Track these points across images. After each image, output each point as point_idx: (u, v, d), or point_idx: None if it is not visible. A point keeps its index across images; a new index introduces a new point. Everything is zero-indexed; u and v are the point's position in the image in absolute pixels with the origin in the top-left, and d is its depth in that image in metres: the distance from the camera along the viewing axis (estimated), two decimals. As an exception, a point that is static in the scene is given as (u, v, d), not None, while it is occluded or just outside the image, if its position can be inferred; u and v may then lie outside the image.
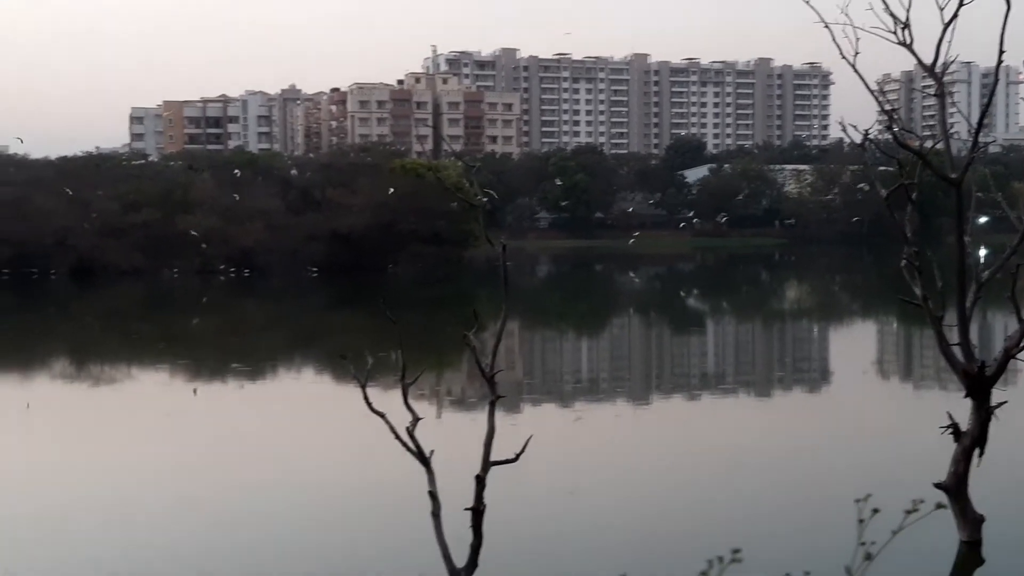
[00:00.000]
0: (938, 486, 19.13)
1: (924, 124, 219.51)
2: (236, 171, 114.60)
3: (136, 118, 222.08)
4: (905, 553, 17.56)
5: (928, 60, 19.40)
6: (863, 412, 35.57)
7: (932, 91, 20.15)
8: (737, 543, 3.25)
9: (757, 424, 34.17)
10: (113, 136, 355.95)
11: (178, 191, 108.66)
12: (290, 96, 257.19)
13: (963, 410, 19.91)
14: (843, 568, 3.27)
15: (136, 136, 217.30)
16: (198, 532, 22.14)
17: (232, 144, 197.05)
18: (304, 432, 33.00)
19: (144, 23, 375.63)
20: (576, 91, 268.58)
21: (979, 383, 19.45)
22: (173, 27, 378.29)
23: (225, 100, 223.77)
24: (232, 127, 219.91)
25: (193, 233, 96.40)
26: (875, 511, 3.22)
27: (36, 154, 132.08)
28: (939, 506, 3.50)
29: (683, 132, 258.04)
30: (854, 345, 58.24)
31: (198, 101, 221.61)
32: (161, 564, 20.08)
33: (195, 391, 38.55)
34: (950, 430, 19.86)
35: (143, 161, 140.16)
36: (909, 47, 19.34)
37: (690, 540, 19.93)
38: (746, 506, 23.10)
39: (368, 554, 20.53)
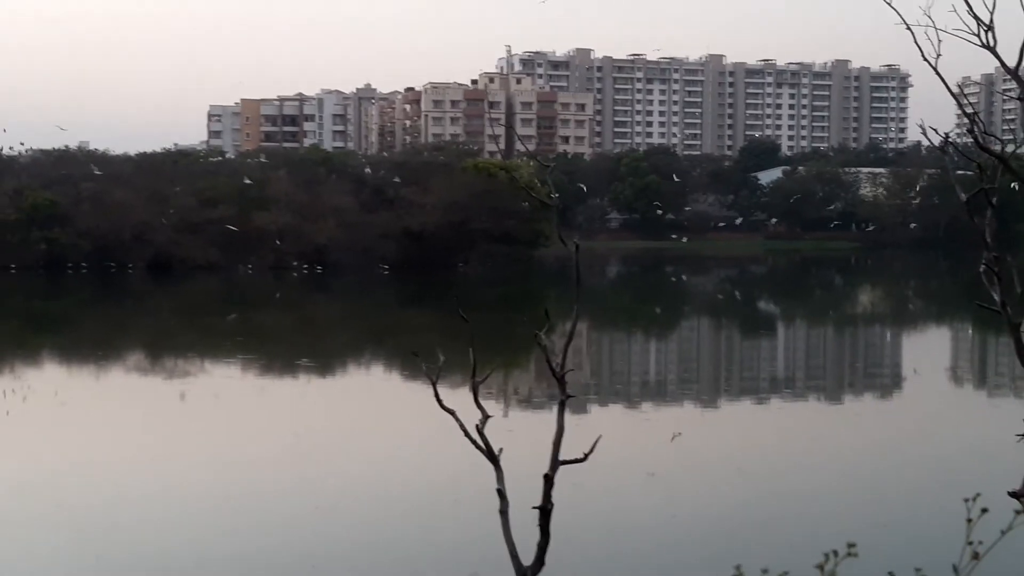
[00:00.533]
0: (1013, 495, 18.82)
1: (1005, 127, 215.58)
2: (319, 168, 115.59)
3: (214, 116, 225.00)
4: (987, 563, 17.31)
5: (1011, 63, 19.10)
6: (938, 419, 35.06)
7: (1014, 94, 19.80)
8: (829, 540, 3.24)
9: (826, 428, 33.82)
10: (191, 133, 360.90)
11: (254, 188, 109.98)
12: (365, 95, 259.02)
13: (1041, 419, 19.55)
14: (950, 567, 3.25)
15: (214, 133, 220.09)
16: (264, 525, 22.41)
17: (307, 142, 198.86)
18: (373, 428, 33.26)
19: (223, 22, 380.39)
20: (650, 92, 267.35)
21: (1058, 392, 19.11)
22: (251, 26, 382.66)
23: (301, 99, 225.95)
24: (308, 125, 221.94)
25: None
26: (984, 511, 3.19)
27: (116, 150, 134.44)
28: (1011, 494, 3.46)
29: (757, 134, 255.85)
30: (930, 351, 57.39)
31: (275, 99, 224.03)
32: (224, 554, 20.36)
33: (275, 394, 38.99)
34: (1027, 438, 19.51)
35: (220, 158, 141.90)
36: (992, 49, 19.01)
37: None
38: (818, 505, 22.89)
39: (436, 550, 20.65)
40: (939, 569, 3.46)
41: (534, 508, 11.20)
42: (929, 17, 19.88)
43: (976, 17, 20.46)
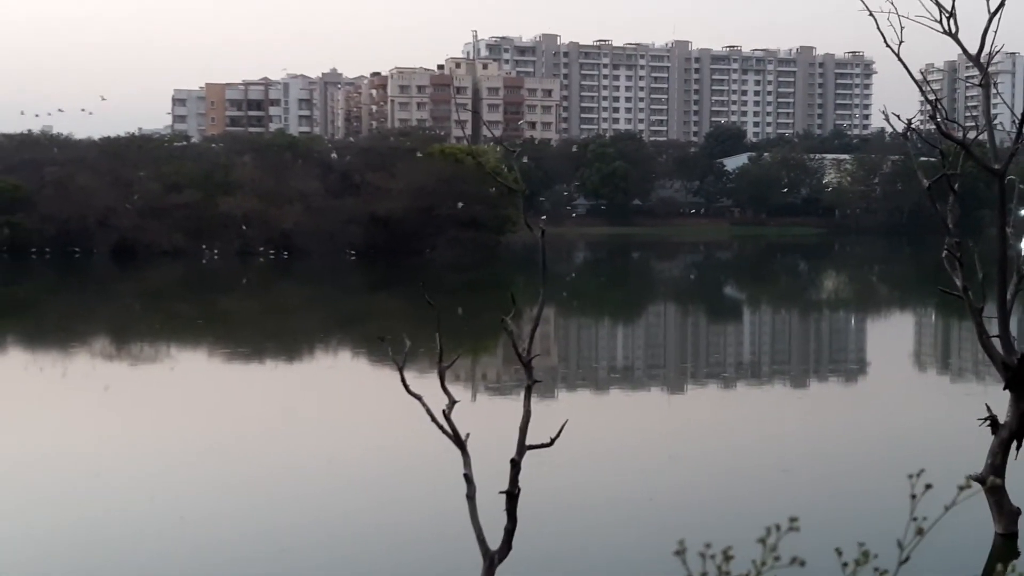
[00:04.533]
0: (974, 478, 19.04)
1: (967, 114, 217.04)
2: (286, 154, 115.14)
3: (178, 100, 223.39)
4: (941, 545, 17.53)
5: (973, 50, 19.26)
6: (900, 403, 35.41)
7: (976, 81, 20.00)
8: (769, 520, 3.29)
9: (790, 412, 34.09)
10: (156, 118, 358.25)
11: (219, 173, 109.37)
12: (331, 80, 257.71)
13: (1002, 402, 19.80)
14: (894, 542, 3.31)
15: (178, 118, 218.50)
16: (228, 511, 22.37)
17: (273, 127, 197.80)
18: (340, 413, 33.24)
19: (188, 5, 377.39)
20: (616, 78, 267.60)
21: (1018, 375, 19.34)
22: (216, 10, 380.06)
23: (267, 83, 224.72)
24: (273, 110, 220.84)
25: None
26: (928, 487, 3.26)
27: (80, 134, 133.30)
28: (992, 484, 3.52)
29: (723, 120, 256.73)
30: (893, 336, 57.90)
31: (240, 84, 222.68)
32: (188, 540, 20.33)
33: (242, 380, 38.85)
34: (988, 422, 19.76)
35: (185, 143, 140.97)
36: (954, 36, 19.19)
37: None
38: (778, 486, 23.10)
39: (403, 535, 20.69)
40: (885, 544, 3.53)
41: (501, 493, 11.27)
42: (892, 4, 19.91)
43: (938, 4, 20.54)
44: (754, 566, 3.10)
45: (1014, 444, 19.53)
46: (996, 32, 18.84)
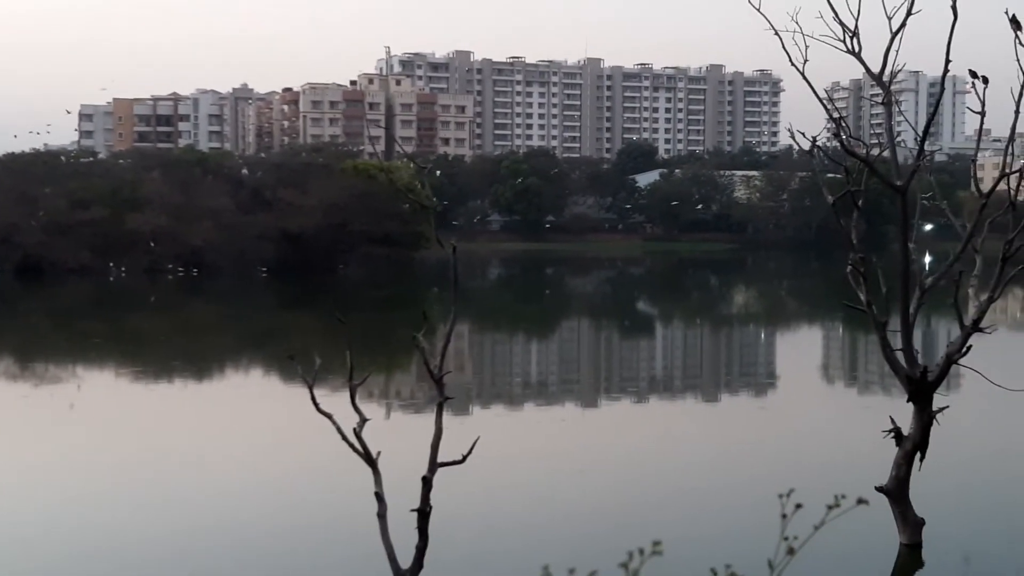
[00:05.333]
0: (880, 489, 19.37)
1: (872, 132, 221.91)
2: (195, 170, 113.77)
3: (85, 115, 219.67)
4: (845, 556, 17.78)
5: (876, 68, 19.66)
6: (806, 416, 35.92)
7: (880, 99, 20.41)
8: (663, 538, 3.30)
9: (698, 427, 34.41)
10: (61, 134, 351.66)
11: (127, 189, 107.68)
12: (242, 95, 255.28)
13: (906, 415, 20.17)
14: (766, 562, 3.34)
15: (85, 133, 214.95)
16: (130, 533, 21.96)
17: (182, 142, 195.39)
18: (250, 433, 32.81)
19: (93, 19, 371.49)
20: (529, 94, 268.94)
21: (921, 388, 19.72)
22: (124, 24, 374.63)
23: (176, 98, 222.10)
24: (183, 125, 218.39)
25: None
26: (798, 506, 3.29)
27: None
28: (860, 501, 3.57)
29: (635, 137, 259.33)
30: (800, 350, 58.79)
31: (148, 99, 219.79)
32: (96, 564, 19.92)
33: (149, 400, 38.14)
34: (892, 434, 20.11)
35: (92, 159, 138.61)
36: (857, 55, 19.57)
37: (616, 536, 20.00)
38: (678, 503, 23.28)
39: (313, 554, 20.45)
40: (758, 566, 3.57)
41: (412, 511, 11.21)
42: (798, 23, 20.20)
43: (841, 23, 20.90)
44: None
45: (918, 456, 19.91)
46: (898, 51, 19.25)
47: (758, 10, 19.67)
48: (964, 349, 19.71)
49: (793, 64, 19.51)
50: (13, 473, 27.18)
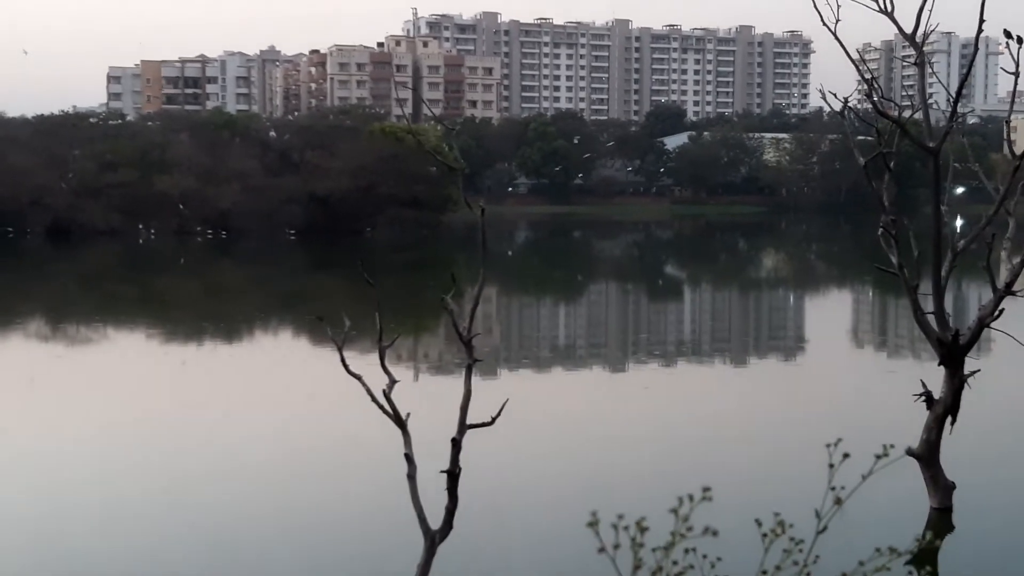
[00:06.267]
0: (910, 453, 19.31)
1: (904, 93, 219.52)
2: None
3: (114, 77, 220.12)
4: (876, 519, 17.74)
5: (909, 29, 19.42)
6: (836, 379, 35.82)
7: (912, 60, 20.17)
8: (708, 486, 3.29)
9: (727, 389, 34.37)
10: (91, 96, 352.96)
11: (156, 151, 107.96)
12: (269, 57, 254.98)
13: (936, 378, 20.07)
14: (812, 511, 3.33)
15: (114, 96, 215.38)
16: (170, 491, 22.17)
17: (210, 105, 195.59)
18: (280, 394, 33.01)
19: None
20: (557, 56, 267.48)
21: (953, 352, 19.60)
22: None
23: (203, 60, 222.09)
24: (210, 88, 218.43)
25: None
26: (846, 455, 3.27)
27: (12, 112, 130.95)
28: (909, 452, 3.54)
29: (663, 99, 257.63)
30: (830, 313, 58.54)
31: (176, 61, 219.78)
32: (129, 524, 20.12)
33: (183, 362, 38.44)
34: (923, 398, 20.01)
35: (120, 121, 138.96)
36: (890, 15, 19.33)
37: (655, 487, 20.01)
38: (711, 460, 23.30)
39: (343, 514, 20.61)
40: (806, 515, 3.55)
41: (442, 472, 11.23)
42: (830, -16, 19.92)
43: (875, -17, 20.45)
44: (674, 537, 3.09)
45: (948, 419, 19.81)
46: (931, 11, 19.00)
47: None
48: (996, 313, 19.57)
49: (825, 24, 19.30)
50: (51, 436, 27.47)
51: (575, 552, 18.36)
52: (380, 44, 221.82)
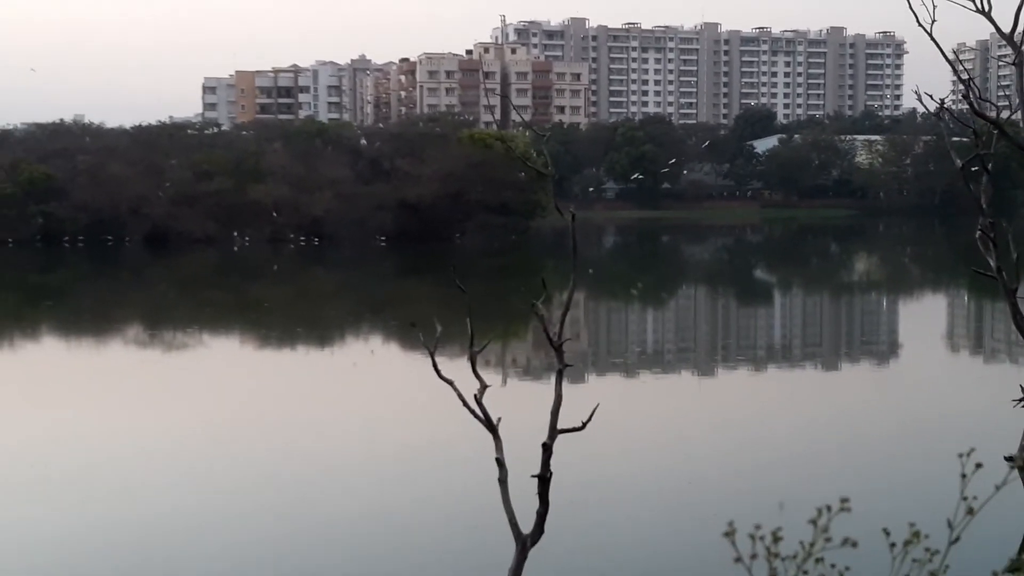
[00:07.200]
0: (1009, 459, 18.91)
1: (1000, 94, 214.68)
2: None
3: (208, 88, 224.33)
4: (976, 528, 17.43)
5: (1006, 28, 19.05)
6: (934, 384, 35.20)
7: (1009, 60, 19.79)
8: (825, 499, 3.30)
9: (818, 395, 33.96)
10: (186, 106, 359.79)
11: (250, 160, 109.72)
12: (360, 66, 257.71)
13: (1036, 384, 19.63)
14: (940, 521, 3.31)
15: (208, 106, 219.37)
16: (265, 490, 22.53)
17: (302, 114, 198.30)
18: (373, 399, 33.36)
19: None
20: (645, 60, 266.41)
21: (1053, 357, 19.17)
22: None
23: (296, 70, 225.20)
24: (302, 97, 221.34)
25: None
26: (978, 466, 3.24)
27: (111, 123, 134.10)
28: (1007, 459, 3.50)
29: (753, 102, 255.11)
30: (926, 317, 57.52)
31: (269, 71, 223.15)
32: (227, 515, 20.49)
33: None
34: (1022, 403, 19.61)
35: (215, 130, 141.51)
36: (987, 14, 18.98)
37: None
38: (807, 466, 23.04)
39: (436, 518, 20.77)
40: (935, 524, 3.52)
41: (533, 477, 11.30)
42: (924, -17, 19.60)
43: (971, -18, 20.07)
44: (803, 548, 3.10)
45: (1049, 425, 19.38)
46: (1029, 10, 18.60)
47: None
48: (1098, 317, 19.09)
49: (920, 24, 19.00)
50: (152, 433, 28.09)
51: (667, 557, 18.31)
52: (469, 52, 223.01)
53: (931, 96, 19.85)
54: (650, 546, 18.71)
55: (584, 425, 11.44)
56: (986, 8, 19.04)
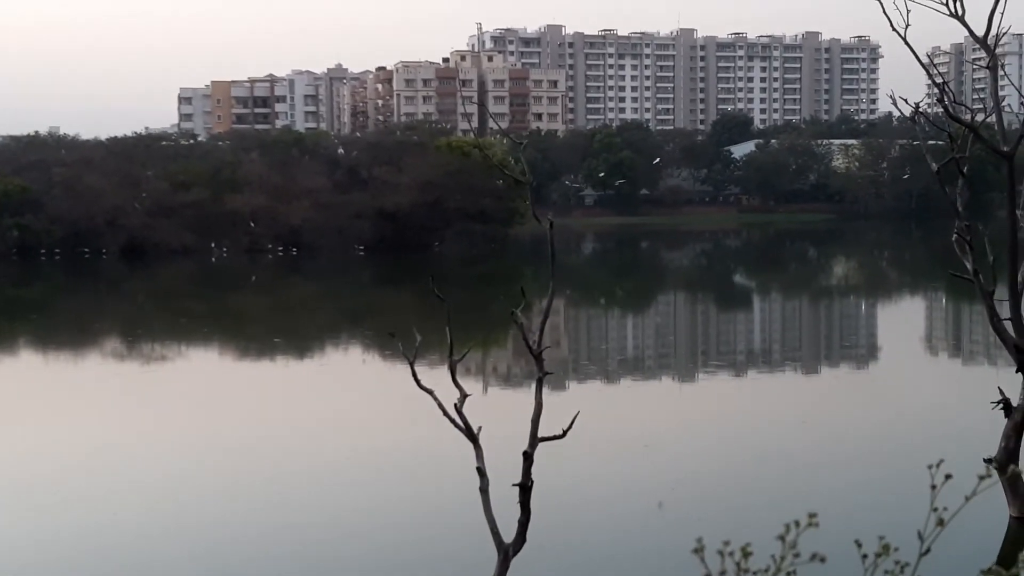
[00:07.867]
0: (988, 461, 18.98)
1: (975, 97, 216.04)
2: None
3: (184, 98, 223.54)
4: (954, 529, 17.48)
5: (980, 32, 19.17)
6: (913, 387, 35.32)
7: (983, 63, 19.91)
8: (792, 510, 3.26)
9: (799, 400, 34.02)
10: (162, 117, 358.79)
11: (227, 170, 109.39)
12: (336, 75, 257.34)
13: (1014, 385, 19.72)
14: (911, 532, 3.27)
15: (184, 116, 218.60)
16: (244, 502, 22.41)
17: (279, 123, 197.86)
18: (352, 409, 33.25)
19: (191, 2, 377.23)
20: (622, 67, 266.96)
21: (1031, 359, 19.25)
22: (220, 7, 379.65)
23: (272, 80, 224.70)
24: (279, 106, 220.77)
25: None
26: (948, 476, 3.21)
27: (86, 135, 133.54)
28: (1013, 473, 3.48)
29: (729, 107, 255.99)
30: (903, 321, 57.74)
31: (245, 81, 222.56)
32: (205, 539, 20.36)
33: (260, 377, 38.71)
34: (1001, 405, 19.69)
35: (192, 141, 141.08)
36: (961, 19, 19.10)
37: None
38: (790, 475, 23.06)
39: (416, 528, 20.69)
40: (910, 532, 3.49)
41: (514, 485, 11.26)
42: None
43: (945, -13, 20.22)
44: (774, 562, 3.06)
45: (1027, 427, 19.47)
46: (1003, 14, 18.76)
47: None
48: (1075, 318, 19.20)
49: (894, 29, 19.11)
50: (136, 445, 27.91)
51: (647, 565, 18.28)
52: (445, 60, 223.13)
53: (906, 100, 19.95)
54: (629, 555, 18.68)
55: (565, 433, 11.40)
56: (959, 12, 19.15)
